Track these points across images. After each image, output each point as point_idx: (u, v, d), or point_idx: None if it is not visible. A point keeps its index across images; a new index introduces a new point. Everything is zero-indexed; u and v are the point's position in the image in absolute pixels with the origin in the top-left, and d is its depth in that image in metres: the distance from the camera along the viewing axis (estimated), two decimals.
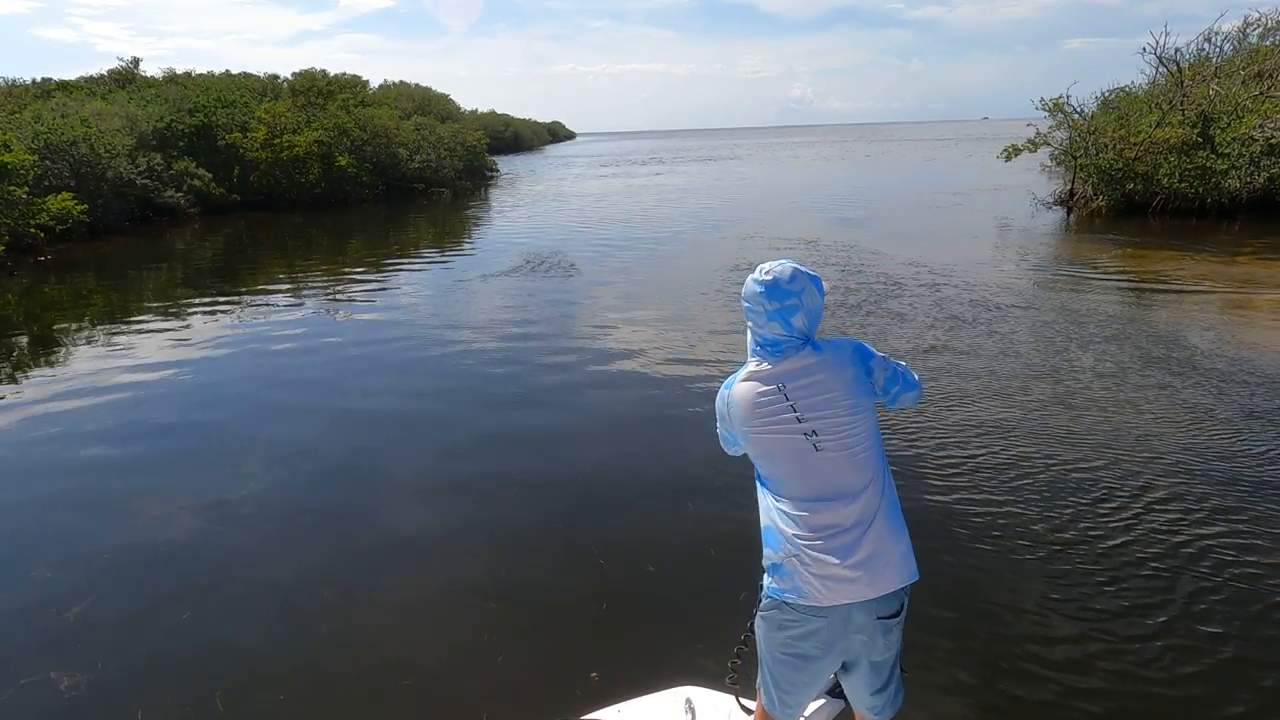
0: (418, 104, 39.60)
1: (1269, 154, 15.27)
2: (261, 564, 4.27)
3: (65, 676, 3.32)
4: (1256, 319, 8.56)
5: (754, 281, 1.93)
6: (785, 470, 1.90)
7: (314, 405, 6.89)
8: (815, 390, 1.87)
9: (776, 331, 1.90)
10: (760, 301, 1.90)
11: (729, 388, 1.98)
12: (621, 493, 4.90)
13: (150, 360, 8.48)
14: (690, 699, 2.44)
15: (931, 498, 4.59)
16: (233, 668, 3.40)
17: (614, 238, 16.84)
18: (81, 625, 3.72)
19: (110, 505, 5.07)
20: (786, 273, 1.90)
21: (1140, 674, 3.11)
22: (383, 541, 4.45)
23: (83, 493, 5.28)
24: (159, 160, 23.33)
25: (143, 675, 3.38)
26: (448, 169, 31.81)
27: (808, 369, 1.88)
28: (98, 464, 5.78)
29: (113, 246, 18.41)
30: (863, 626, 1.87)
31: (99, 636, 3.64)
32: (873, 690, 1.99)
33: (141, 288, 13.58)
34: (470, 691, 3.17)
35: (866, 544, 1.82)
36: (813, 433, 1.85)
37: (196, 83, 30.08)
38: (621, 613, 3.68)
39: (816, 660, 1.94)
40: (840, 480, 1.85)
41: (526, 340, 8.79)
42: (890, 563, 1.85)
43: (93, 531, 4.71)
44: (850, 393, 1.88)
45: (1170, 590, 3.63)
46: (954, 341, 7.89)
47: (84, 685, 3.28)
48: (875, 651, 1.92)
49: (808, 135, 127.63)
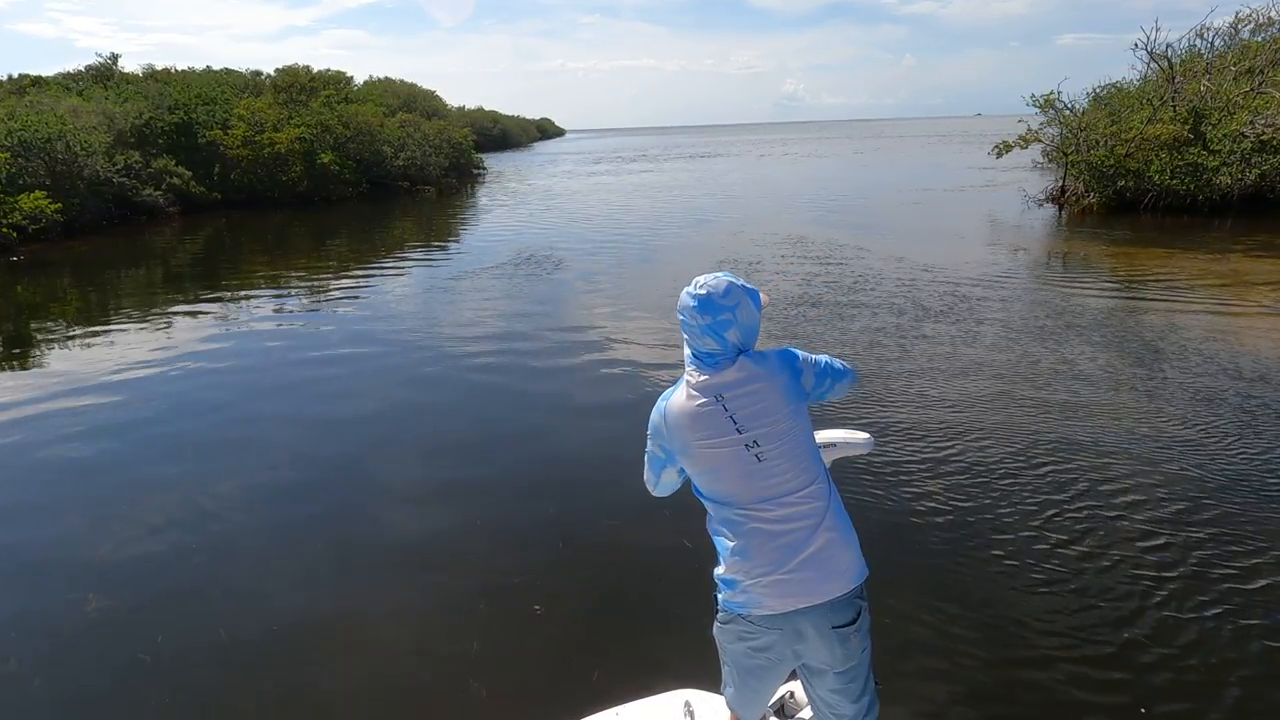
0: (403, 100, 39.19)
1: (1260, 151, 15.21)
2: (248, 570, 4.15)
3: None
4: (1247, 318, 8.46)
5: (688, 295, 1.87)
6: (728, 485, 1.87)
7: (297, 408, 6.71)
8: (753, 400, 1.84)
9: (710, 345, 1.86)
10: (694, 315, 1.85)
11: (665, 400, 1.94)
12: (618, 493, 4.77)
13: (126, 363, 8.21)
14: (689, 701, 2.42)
15: (902, 499, 4.48)
16: (222, 675, 3.34)
17: (600, 237, 16.66)
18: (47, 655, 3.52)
19: (83, 513, 4.88)
20: (721, 287, 1.85)
21: (1124, 675, 3.06)
22: (373, 545, 4.37)
23: (57, 502, 5.09)
24: (137, 158, 22.92)
25: (130, 683, 3.31)
26: (433, 167, 31.45)
27: (744, 379, 1.85)
28: (69, 466, 5.59)
29: (89, 246, 18.13)
30: (816, 638, 1.85)
31: (81, 649, 3.51)
32: (847, 700, 1.94)
33: (119, 288, 13.34)
34: (466, 695, 3.14)
35: (812, 547, 1.82)
36: (754, 443, 1.83)
37: (176, 79, 29.54)
38: (619, 615, 3.65)
39: (775, 666, 1.96)
40: (783, 487, 1.84)
41: (514, 340, 8.63)
42: (838, 566, 1.84)
43: (66, 536, 4.55)
44: (787, 399, 1.86)
45: (1153, 594, 3.56)
46: (936, 339, 7.76)
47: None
48: (837, 661, 1.88)
49: (800, 132, 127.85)
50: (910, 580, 3.72)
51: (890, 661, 2.98)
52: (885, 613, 3.22)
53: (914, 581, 3.71)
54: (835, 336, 7.98)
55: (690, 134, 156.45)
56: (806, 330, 8.26)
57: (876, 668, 1.99)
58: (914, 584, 3.69)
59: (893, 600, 3.47)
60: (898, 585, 3.62)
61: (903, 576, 3.72)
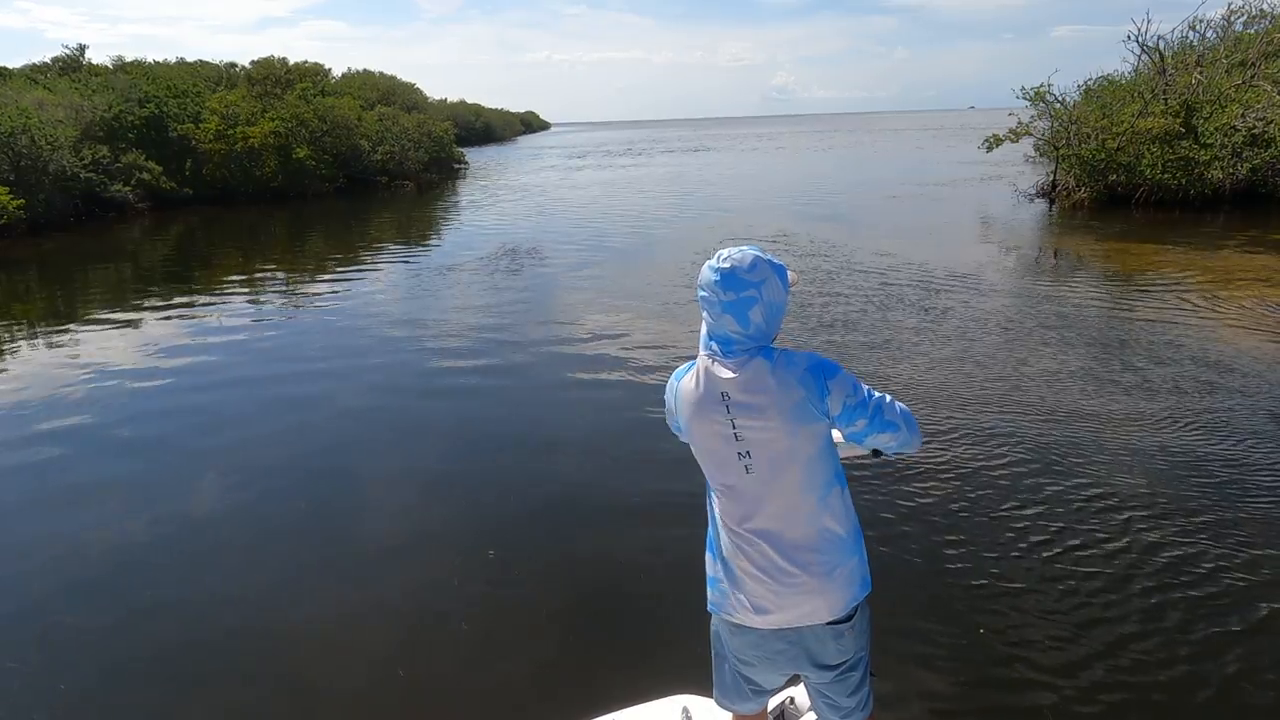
0: (382, 93, 38.47)
1: (1251, 144, 14.98)
2: (229, 576, 4.05)
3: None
4: (1237, 314, 8.23)
5: (710, 269, 1.72)
6: (718, 486, 1.81)
7: (277, 410, 6.51)
8: (756, 411, 1.69)
9: (731, 327, 1.70)
10: (715, 290, 1.70)
11: (678, 379, 1.83)
12: (614, 495, 4.70)
13: (95, 364, 7.97)
14: (687, 707, 2.39)
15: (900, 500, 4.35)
16: (207, 677, 3.29)
17: (582, 232, 16.30)
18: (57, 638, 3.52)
19: (56, 516, 4.78)
20: (746, 260, 1.71)
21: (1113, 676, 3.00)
22: (360, 549, 4.28)
23: (26, 504, 4.99)
24: (106, 153, 22.25)
25: (112, 684, 3.28)
26: (412, 161, 30.79)
27: (755, 383, 1.69)
28: (42, 470, 5.43)
29: (55, 243, 17.76)
30: (810, 635, 1.79)
31: (70, 645, 3.49)
32: (844, 693, 1.89)
33: (86, 287, 13.03)
34: (463, 701, 3.10)
35: (791, 577, 1.73)
36: (746, 454, 1.72)
37: (146, 71, 28.69)
38: (616, 619, 3.60)
39: (765, 663, 1.89)
40: (767, 508, 1.74)
41: (499, 336, 8.52)
42: (825, 594, 1.75)
43: (41, 538, 4.48)
44: (792, 418, 1.69)
45: (1141, 596, 3.50)
46: (923, 337, 7.58)
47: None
48: (830, 655, 1.82)
49: (791, 125, 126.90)
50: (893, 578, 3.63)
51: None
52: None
53: (897, 579, 3.64)
54: (803, 332, 7.71)
55: (679, 127, 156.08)
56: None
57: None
58: (896, 580, 3.63)
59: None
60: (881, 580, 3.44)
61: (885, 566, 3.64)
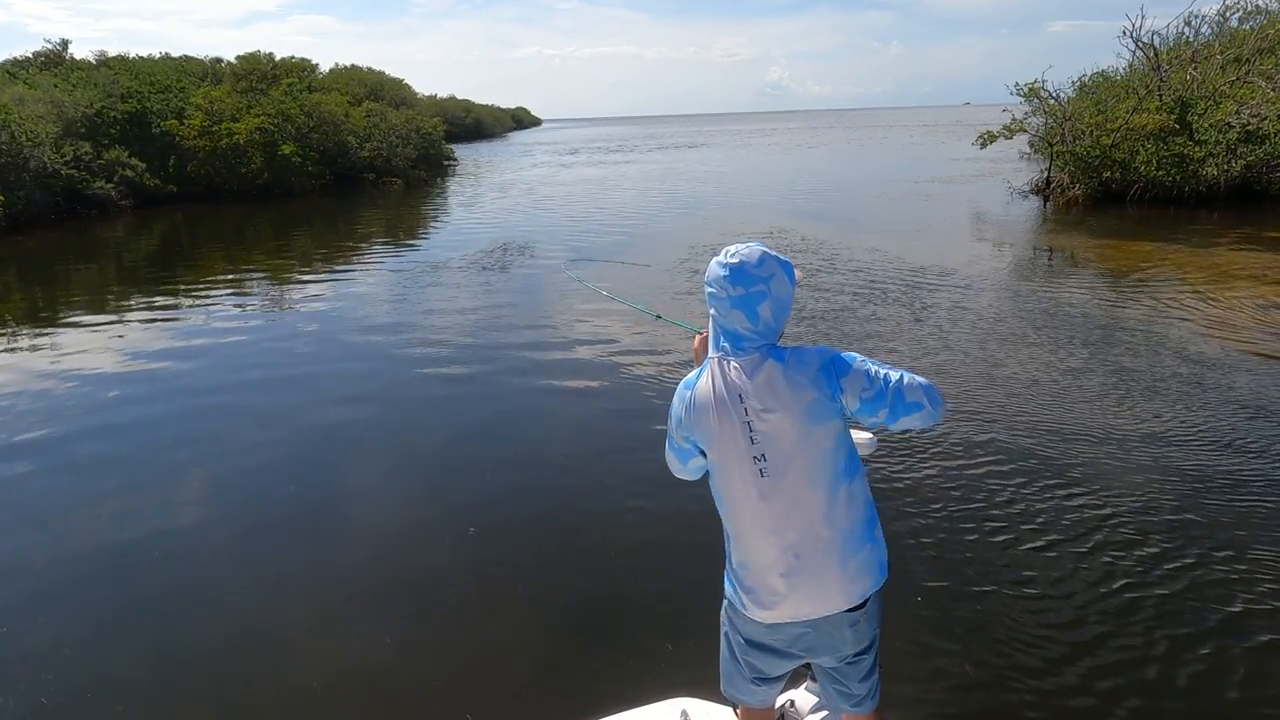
0: (370, 89, 38.02)
1: (1246, 141, 14.88)
2: (218, 582, 3.99)
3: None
4: (1231, 312, 8.15)
5: (718, 264, 1.77)
6: (733, 491, 1.80)
7: (261, 413, 6.37)
8: (769, 413, 1.71)
9: (740, 323, 1.73)
10: (724, 286, 1.74)
11: (690, 387, 1.82)
12: (612, 495, 4.66)
13: (75, 367, 7.80)
14: (686, 710, 2.39)
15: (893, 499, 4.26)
16: (193, 680, 3.27)
17: (573, 230, 16.10)
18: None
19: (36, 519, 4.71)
20: (754, 256, 1.75)
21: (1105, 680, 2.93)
22: (353, 551, 4.23)
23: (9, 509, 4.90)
24: (88, 149, 21.90)
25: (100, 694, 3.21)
26: (400, 158, 30.37)
27: (767, 388, 1.71)
28: (20, 480, 5.32)
29: (35, 241, 17.48)
30: (824, 624, 1.79)
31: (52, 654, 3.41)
32: (854, 678, 1.92)
33: (68, 286, 12.82)
34: (458, 705, 3.05)
35: (809, 570, 1.74)
36: (761, 457, 1.73)
37: (129, 66, 28.23)
38: (615, 621, 3.57)
39: (777, 653, 1.88)
40: (782, 502, 1.74)
41: (488, 337, 8.43)
42: (839, 586, 1.76)
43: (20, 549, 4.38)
44: (806, 419, 1.70)
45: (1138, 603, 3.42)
46: (916, 336, 7.50)
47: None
48: (845, 645, 1.83)
49: (785, 121, 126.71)
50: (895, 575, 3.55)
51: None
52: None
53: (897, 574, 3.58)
54: (790, 324, 7.69)
55: (672, 123, 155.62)
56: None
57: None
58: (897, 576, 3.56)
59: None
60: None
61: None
